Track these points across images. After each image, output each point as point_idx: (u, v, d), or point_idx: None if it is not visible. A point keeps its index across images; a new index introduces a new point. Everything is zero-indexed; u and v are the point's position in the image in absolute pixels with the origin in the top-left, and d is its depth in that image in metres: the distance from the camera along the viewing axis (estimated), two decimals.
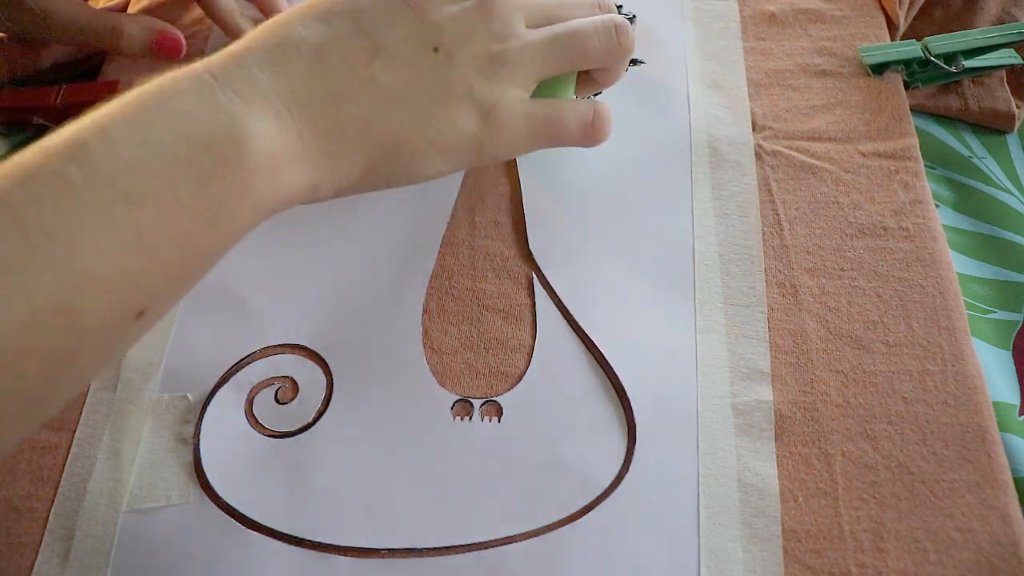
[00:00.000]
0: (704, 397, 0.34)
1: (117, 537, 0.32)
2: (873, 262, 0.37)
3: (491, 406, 0.34)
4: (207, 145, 0.26)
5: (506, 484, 0.32)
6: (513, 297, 0.37)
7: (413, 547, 0.31)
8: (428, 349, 0.36)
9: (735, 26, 0.46)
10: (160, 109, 0.26)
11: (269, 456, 0.33)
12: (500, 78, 0.32)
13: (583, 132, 0.35)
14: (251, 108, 0.27)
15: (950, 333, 0.35)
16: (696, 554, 0.31)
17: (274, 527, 0.32)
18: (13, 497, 0.33)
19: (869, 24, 0.46)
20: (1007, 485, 0.31)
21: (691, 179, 0.40)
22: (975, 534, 0.30)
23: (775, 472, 0.32)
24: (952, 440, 0.32)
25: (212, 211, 0.26)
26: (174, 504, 0.32)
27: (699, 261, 0.38)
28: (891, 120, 0.42)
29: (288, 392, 0.35)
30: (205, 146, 0.26)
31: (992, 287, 0.42)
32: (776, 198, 0.40)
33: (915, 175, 0.40)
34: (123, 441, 0.34)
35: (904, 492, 0.32)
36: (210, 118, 0.26)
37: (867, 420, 0.33)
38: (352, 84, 0.29)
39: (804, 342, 0.35)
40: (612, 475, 0.32)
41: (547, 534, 0.31)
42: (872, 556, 0.30)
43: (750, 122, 0.42)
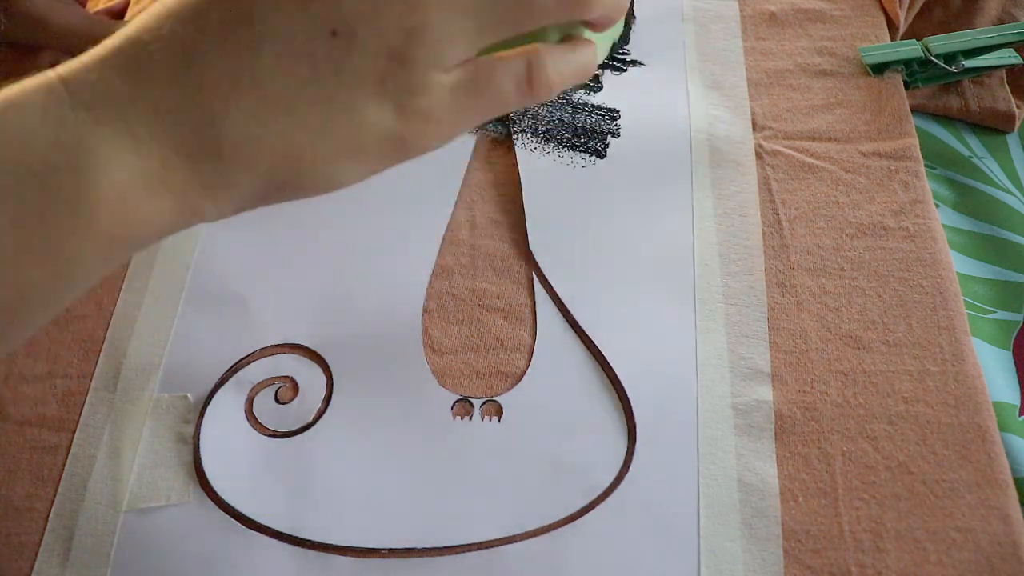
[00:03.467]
0: (704, 397, 0.34)
1: (117, 536, 0.32)
2: (873, 262, 0.37)
3: (491, 406, 0.34)
4: (39, 173, 0.22)
5: (506, 484, 0.32)
6: (513, 297, 0.37)
7: (413, 547, 0.31)
8: (428, 349, 0.36)
9: (735, 26, 0.46)
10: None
11: (269, 456, 0.33)
12: (419, 60, 0.24)
13: (520, 91, 0.27)
14: (101, 128, 0.23)
15: (950, 333, 0.35)
16: (696, 554, 0.31)
17: (274, 527, 0.32)
18: (13, 497, 0.33)
19: (869, 24, 0.46)
20: (1007, 485, 0.31)
21: (691, 179, 0.40)
22: (975, 534, 0.30)
23: (775, 472, 0.32)
24: (952, 440, 0.32)
25: (41, 249, 0.22)
26: (174, 504, 0.32)
27: (699, 261, 0.38)
28: (891, 120, 0.42)
29: (288, 392, 0.35)
30: (36, 174, 0.22)
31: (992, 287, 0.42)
32: (776, 198, 0.40)
33: (915, 175, 0.40)
34: (123, 441, 0.34)
35: (904, 492, 0.32)
36: (49, 139, 0.22)
37: (867, 420, 0.33)
38: (230, 91, 0.24)
39: (804, 342, 0.35)
40: (612, 475, 0.32)
41: (547, 534, 0.31)
42: (872, 556, 0.30)
43: (750, 122, 0.42)
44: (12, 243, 0.22)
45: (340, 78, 0.24)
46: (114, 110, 0.23)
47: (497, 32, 0.26)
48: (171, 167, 0.24)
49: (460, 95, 0.26)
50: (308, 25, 0.24)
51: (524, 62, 0.27)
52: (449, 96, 0.26)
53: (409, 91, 0.25)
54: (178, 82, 0.24)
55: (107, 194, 0.23)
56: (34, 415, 0.35)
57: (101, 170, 0.23)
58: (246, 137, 0.24)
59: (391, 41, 0.24)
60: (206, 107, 0.24)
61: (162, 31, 0.24)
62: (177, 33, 0.24)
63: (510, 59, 0.27)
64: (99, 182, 0.22)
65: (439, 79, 0.25)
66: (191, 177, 0.24)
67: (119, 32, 0.24)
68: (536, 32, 0.27)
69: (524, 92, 0.27)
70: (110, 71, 0.23)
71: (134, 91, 0.23)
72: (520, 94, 0.27)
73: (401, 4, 0.24)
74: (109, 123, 0.23)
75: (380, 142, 0.25)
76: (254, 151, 0.24)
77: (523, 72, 0.27)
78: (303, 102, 0.24)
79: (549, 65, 0.27)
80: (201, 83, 0.24)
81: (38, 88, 0.23)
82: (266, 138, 0.24)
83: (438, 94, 0.25)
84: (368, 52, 0.24)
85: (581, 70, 0.28)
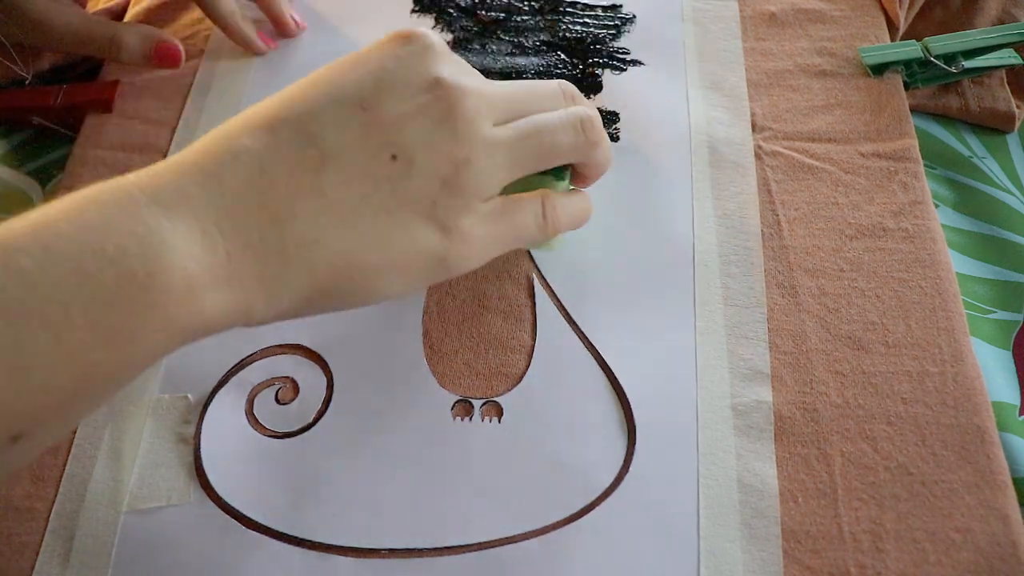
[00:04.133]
0: (704, 398, 0.34)
1: (118, 537, 0.32)
2: (872, 263, 0.37)
3: (491, 406, 0.35)
4: (114, 258, 0.23)
5: (506, 484, 0.33)
6: (513, 297, 0.37)
7: (413, 547, 0.31)
8: (428, 349, 0.36)
9: (735, 26, 0.46)
10: (75, 217, 0.23)
11: (269, 456, 0.34)
12: (465, 188, 0.28)
13: (538, 225, 0.31)
14: (172, 222, 0.24)
15: (949, 334, 0.35)
16: (696, 554, 0.31)
17: (274, 527, 0.32)
18: (14, 497, 0.33)
19: (869, 24, 0.46)
20: (1006, 486, 0.31)
21: (691, 179, 0.40)
22: (974, 535, 0.30)
23: (775, 473, 0.32)
24: (951, 441, 0.32)
25: (110, 332, 0.23)
26: (174, 504, 0.33)
27: (699, 261, 0.38)
28: (891, 120, 0.42)
29: (288, 392, 0.35)
30: (112, 259, 0.23)
31: (992, 287, 0.42)
32: (776, 198, 0.40)
33: (915, 176, 0.40)
34: (124, 441, 0.34)
35: (903, 493, 0.32)
36: (125, 228, 0.23)
37: (866, 421, 0.33)
38: (297, 199, 0.26)
39: (803, 343, 0.35)
40: (612, 475, 0.32)
41: (547, 534, 0.31)
42: (871, 557, 0.30)
43: (750, 122, 0.42)
44: (85, 324, 0.22)
45: (396, 197, 0.27)
46: (186, 208, 0.25)
47: (526, 167, 0.30)
48: (236, 262, 0.25)
49: (493, 223, 0.30)
50: (370, 150, 0.27)
51: (540, 201, 0.32)
52: (485, 223, 0.29)
53: (455, 215, 0.28)
54: (249, 188, 0.26)
55: (176, 282, 0.24)
56: None
57: (171, 259, 0.24)
58: (308, 240, 0.26)
59: (443, 170, 0.28)
60: (273, 211, 0.26)
61: (232, 146, 0.26)
62: (249, 148, 0.26)
63: (532, 198, 0.32)
64: (169, 270, 0.24)
65: (479, 207, 0.29)
66: (253, 273, 0.26)
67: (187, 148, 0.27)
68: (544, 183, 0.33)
69: (540, 226, 0.32)
70: (183, 176, 0.25)
71: (207, 194, 0.25)
72: (538, 228, 0.32)
73: (452, 139, 0.28)
74: (179, 217, 0.24)
75: (425, 259, 0.28)
76: (314, 254, 0.26)
77: (540, 209, 0.31)
78: (362, 215, 0.27)
79: (559, 206, 0.32)
80: (270, 190, 0.26)
81: (113, 188, 0.24)
82: (326, 243, 0.26)
83: (477, 220, 0.29)
84: (423, 177, 0.27)
85: (582, 214, 0.34)
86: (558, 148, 0.31)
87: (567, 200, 0.33)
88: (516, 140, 0.30)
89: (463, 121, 0.28)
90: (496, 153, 0.29)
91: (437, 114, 0.28)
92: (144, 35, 0.45)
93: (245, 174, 0.26)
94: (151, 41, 0.45)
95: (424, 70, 0.28)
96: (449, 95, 0.28)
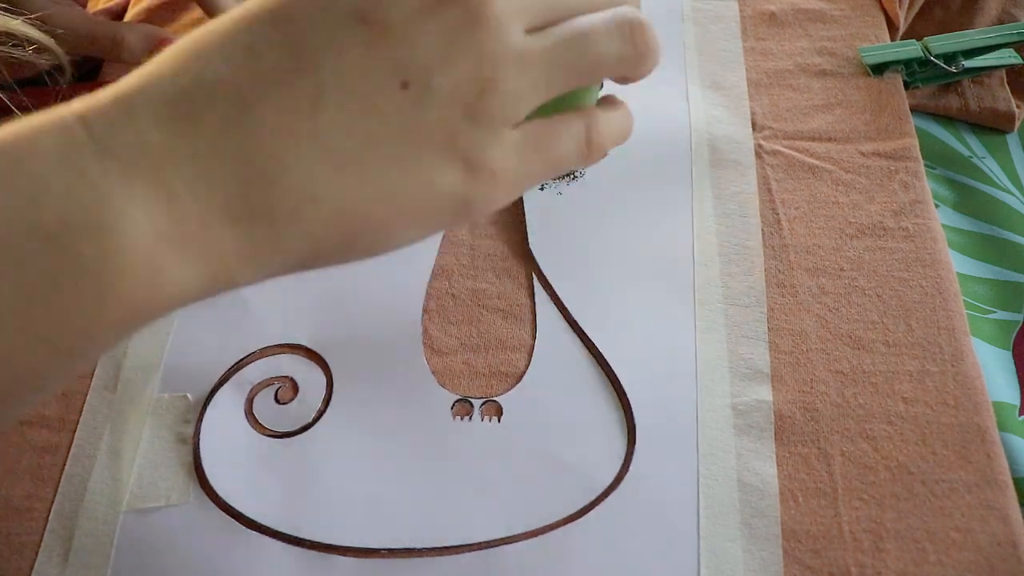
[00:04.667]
0: (704, 397, 0.34)
1: (117, 537, 0.32)
2: (873, 262, 0.37)
3: (491, 406, 0.34)
4: (53, 234, 0.19)
5: (506, 484, 0.32)
6: (513, 297, 0.37)
7: (413, 547, 0.31)
8: (428, 349, 0.36)
9: (735, 26, 0.46)
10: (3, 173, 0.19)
11: (269, 456, 0.34)
12: (492, 116, 0.23)
13: (580, 153, 0.27)
14: (131, 184, 0.20)
15: (949, 333, 0.35)
16: (696, 554, 0.31)
17: (274, 527, 0.32)
18: (13, 497, 0.33)
19: (869, 24, 0.46)
20: (1006, 485, 0.31)
21: (691, 179, 0.40)
22: (974, 534, 0.30)
23: (775, 472, 0.32)
24: (951, 440, 0.32)
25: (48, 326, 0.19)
26: (174, 504, 0.32)
27: (699, 261, 0.38)
28: (891, 120, 0.42)
29: (288, 392, 0.35)
30: (50, 235, 0.19)
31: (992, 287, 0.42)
32: (776, 198, 0.40)
33: (915, 175, 0.40)
34: (123, 441, 0.34)
35: (903, 492, 0.32)
36: (66, 193, 0.19)
37: (866, 420, 0.33)
38: (288, 146, 0.21)
39: (804, 342, 0.35)
40: (612, 475, 0.32)
41: (547, 534, 0.31)
42: (871, 556, 0.30)
43: (750, 122, 0.42)
44: (14, 320, 0.19)
45: (409, 134, 0.22)
46: (147, 161, 0.20)
47: (563, 84, 0.25)
48: (209, 228, 0.21)
49: (527, 154, 0.25)
50: (377, 75, 0.22)
51: (583, 123, 0.26)
52: (515, 155, 0.24)
53: (481, 148, 0.23)
54: (227, 133, 0.21)
55: (132, 259, 0.20)
56: (34, 415, 0.35)
57: (127, 231, 0.19)
58: (303, 197, 0.22)
59: (465, 94, 0.23)
60: (259, 163, 0.21)
61: (205, 74, 0.21)
62: (226, 77, 0.21)
63: (571, 119, 0.26)
64: (124, 245, 0.19)
65: (509, 136, 0.24)
66: (233, 240, 0.21)
67: (145, 69, 0.21)
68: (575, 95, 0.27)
69: (583, 153, 0.26)
70: (142, 116, 0.20)
71: (173, 141, 0.20)
72: (579, 155, 0.26)
73: (475, 56, 0.22)
74: (139, 176, 0.20)
75: (445, 204, 0.24)
76: (310, 213, 0.22)
77: (583, 133, 0.26)
78: (367, 160, 0.22)
79: (604, 128, 0.27)
80: (254, 135, 0.21)
81: (52, 128, 0.20)
82: (324, 199, 0.22)
83: (507, 152, 0.24)
84: (441, 105, 0.22)
85: (626, 131, 0.29)
86: (602, 61, 0.25)
87: (610, 118, 0.27)
88: (553, 52, 0.24)
89: (489, 30, 0.22)
90: (529, 69, 0.23)
91: (457, 24, 0.22)
92: (146, 34, 0.45)
93: (222, 115, 0.21)
94: (152, 40, 0.44)
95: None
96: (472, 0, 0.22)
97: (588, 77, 0.26)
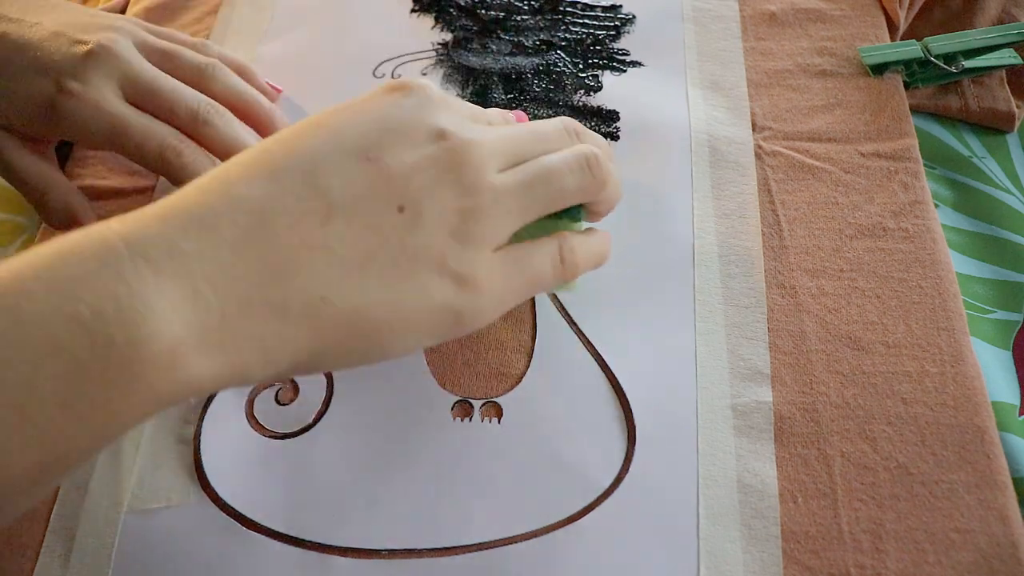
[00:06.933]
0: (703, 398, 0.34)
1: (118, 538, 0.32)
2: (872, 263, 0.37)
3: (491, 407, 0.35)
4: (89, 324, 0.20)
5: (506, 485, 0.33)
6: None
7: (413, 548, 0.31)
8: (428, 350, 0.36)
9: (735, 26, 0.46)
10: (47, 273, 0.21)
11: (270, 457, 0.34)
12: (475, 238, 0.27)
13: (555, 270, 0.30)
14: (160, 281, 0.22)
15: (949, 334, 0.35)
16: (695, 555, 0.31)
17: (274, 528, 0.32)
18: None
19: (869, 24, 0.46)
20: (1006, 486, 0.31)
21: (691, 179, 0.40)
22: (974, 535, 0.30)
23: (774, 473, 0.32)
24: (951, 441, 0.32)
25: (83, 407, 0.21)
26: (175, 505, 0.33)
27: (699, 262, 0.38)
28: (891, 120, 0.42)
29: (288, 393, 0.35)
30: (86, 324, 0.20)
31: (992, 287, 0.42)
32: (776, 198, 0.40)
33: (915, 176, 0.40)
34: (124, 442, 0.34)
35: (903, 493, 0.32)
36: (103, 288, 0.21)
37: (866, 421, 0.33)
38: (302, 252, 0.24)
39: (803, 343, 0.35)
40: (612, 476, 0.32)
41: (547, 535, 0.31)
42: (871, 557, 0.30)
43: (750, 122, 0.42)
44: (55, 399, 0.20)
45: (406, 250, 0.26)
46: (175, 263, 0.22)
47: (534, 211, 0.29)
48: (231, 323, 0.23)
49: (508, 272, 0.28)
50: (377, 201, 0.26)
51: (556, 244, 0.30)
52: (499, 272, 0.28)
53: (468, 265, 0.27)
54: (248, 240, 0.24)
55: (160, 350, 0.21)
56: None
57: (156, 325, 0.21)
58: (313, 297, 0.24)
59: (451, 221, 0.27)
60: (275, 265, 0.24)
61: (231, 194, 0.24)
62: (248, 197, 0.24)
63: (547, 242, 0.30)
64: (153, 337, 0.21)
65: (491, 256, 0.28)
66: (250, 334, 0.24)
67: (182, 190, 0.25)
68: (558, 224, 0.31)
69: (558, 271, 0.30)
70: (173, 226, 0.23)
71: (199, 247, 0.23)
72: (555, 272, 0.30)
73: (459, 189, 0.27)
74: (168, 275, 0.22)
75: (439, 315, 0.27)
76: (320, 312, 0.25)
77: (557, 253, 0.30)
78: (370, 270, 0.25)
79: (576, 248, 0.31)
80: (272, 242, 0.24)
81: (92, 237, 0.22)
82: (332, 300, 0.25)
83: (492, 270, 0.28)
84: (432, 228, 0.26)
85: (601, 254, 0.33)
86: (565, 190, 0.30)
87: (584, 240, 0.32)
88: (523, 185, 0.29)
89: (469, 171, 0.27)
90: (503, 200, 0.28)
91: (443, 165, 0.27)
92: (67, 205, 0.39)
93: (244, 225, 0.24)
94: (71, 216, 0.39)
95: (427, 121, 0.28)
96: (455, 146, 0.27)
97: (555, 204, 0.30)
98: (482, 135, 0.28)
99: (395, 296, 0.26)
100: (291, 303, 0.24)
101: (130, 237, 0.22)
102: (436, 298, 0.26)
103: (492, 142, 0.29)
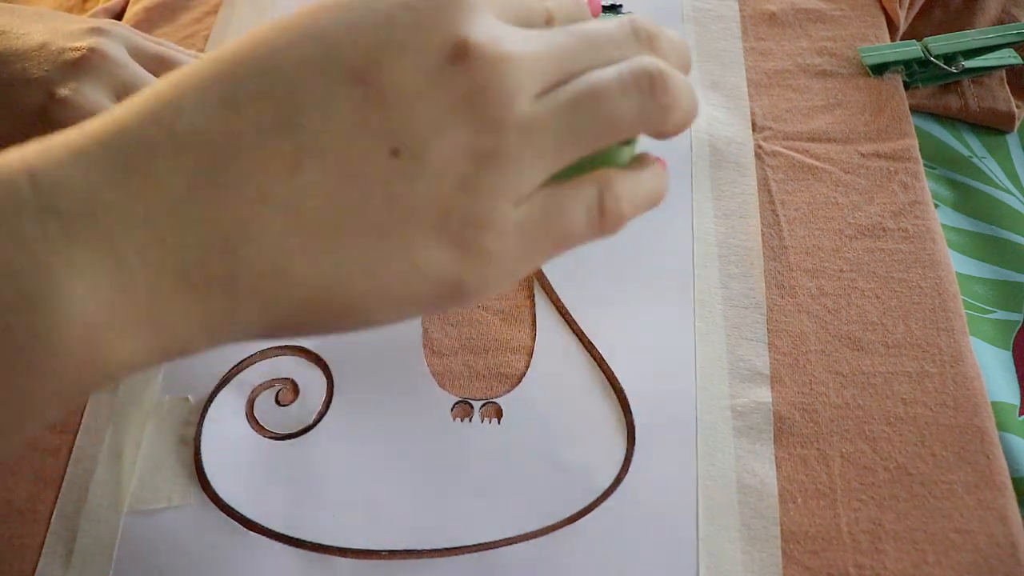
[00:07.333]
0: (703, 399, 0.34)
1: (119, 539, 0.32)
2: (872, 263, 0.37)
3: (491, 407, 0.35)
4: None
5: (506, 485, 0.33)
6: (513, 298, 0.37)
7: (413, 548, 0.31)
8: (428, 350, 0.36)
9: (735, 26, 0.46)
10: None
11: (270, 458, 0.34)
12: (491, 189, 0.20)
13: (591, 226, 0.23)
14: (73, 251, 0.18)
15: (949, 334, 0.35)
16: (695, 556, 0.31)
17: (275, 529, 0.32)
18: (15, 499, 0.33)
19: (869, 24, 0.46)
20: (1005, 487, 0.31)
21: (691, 179, 0.40)
22: (973, 535, 0.30)
23: (774, 473, 0.32)
24: (951, 441, 0.32)
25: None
26: (175, 506, 0.33)
27: (698, 262, 0.38)
28: (891, 120, 0.42)
29: (288, 394, 0.35)
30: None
31: (992, 287, 0.42)
32: (776, 199, 0.40)
33: (914, 176, 0.40)
34: (124, 443, 0.34)
35: (903, 493, 0.32)
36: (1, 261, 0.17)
37: (866, 421, 0.33)
38: (258, 211, 0.19)
39: (803, 343, 0.35)
40: (611, 477, 0.32)
41: (547, 535, 0.31)
42: (871, 557, 0.30)
43: (750, 122, 0.42)
44: None
45: (394, 208, 0.20)
46: (94, 223, 0.18)
47: (574, 151, 0.22)
48: (160, 298, 0.19)
49: (527, 232, 0.22)
50: (364, 140, 0.20)
51: (596, 190, 0.23)
52: (516, 234, 0.21)
53: (475, 227, 0.21)
54: (191, 195, 0.19)
55: (73, 333, 0.18)
56: None
57: (68, 304, 0.17)
58: (268, 270, 0.19)
59: (460, 167, 0.20)
60: (223, 228, 0.19)
61: (176, 125, 0.19)
62: (198, 131, 0.19)
63: (582, 184, 0.23)
64: (63, 320, 0.17)
65: (509, 214, 0.21)
66: (187, 312, 0.19)
67: (112, 113, 0.19)
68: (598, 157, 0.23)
69: (594, 226, 0.23)
70: (97, 169, 0.18)
71: (127, 201, 0.18)
72: (590, 228, 0.23)
73: (475, 123, 0.20)
74: (84, 241, 0.18)
75: (431, 286, 0.21)
76: (276, 287, 0.20)
77: (596, 200, 0.23)
78: (345, 233, 0.20)
79: (622, 192, 0.23)
80: (221, 198, 0.19)
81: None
82: (292, 275, 0.20)
83: (506, 231, 0.21)
84: (435, 177, 0.20)
85: (655, 195, 0.25)
86: (618, 121, 0.22)
87: (634, 180, 0.24)
88: (562, 116, 0.21)
89: (494, 100, 0.20)
90: (534, 137, 0.21)
91: (460, 91, 0.20)
92: None
93: (187, 173, 0.19)
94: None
95: (446, 27, 0.20)
96: (480, 67, 0.20)
97: (604, 139, 0.22)
98: (520, 51, 0.21)
99: (376, 266, 0.20)
100: (240, 276, 0.19)
101: (41, 178, 0.18)
102: (431, 267, 0.21)
103: (531, 59, 0.21)
